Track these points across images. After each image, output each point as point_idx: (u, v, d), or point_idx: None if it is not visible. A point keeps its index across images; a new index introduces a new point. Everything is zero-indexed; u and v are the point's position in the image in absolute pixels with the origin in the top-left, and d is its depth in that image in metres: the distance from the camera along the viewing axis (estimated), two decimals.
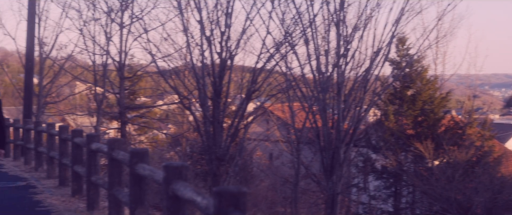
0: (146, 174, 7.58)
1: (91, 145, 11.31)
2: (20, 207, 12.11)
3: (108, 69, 32.46)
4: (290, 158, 30.53)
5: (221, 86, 13.47)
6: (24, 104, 24.58)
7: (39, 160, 18.11)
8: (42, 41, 34.32)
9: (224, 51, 13.52)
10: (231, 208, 4.71)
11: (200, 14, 13.69)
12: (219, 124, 13.54)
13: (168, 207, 6.45)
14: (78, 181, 13.14)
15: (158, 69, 14.80)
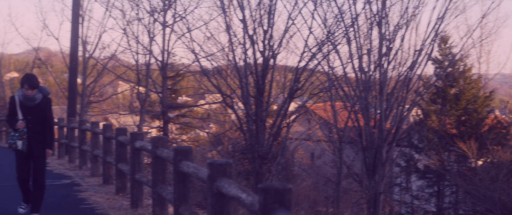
0: (190, 172, 7.62)
1: (135, 143, 11.40)
2: (65, 205, 12.25)
3: (151, 69, 32.66)
4: (332, 157, 30.46)
5: (264, 85, 13.47)
6: (68, 103, 24.84)
7: (83, 158, 18.31)
8: (85, 41, 34.70)
9: (266, 50, 13.53)
10: (276, 205, 4.73)
11: (243, 13, 13.73)
12: (262, 122, 13.55)
13: (213, 204, 6.48)
14: (122, 179, 13.26)
15: (201, 68, 14.83)
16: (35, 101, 9.95)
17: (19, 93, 10.05)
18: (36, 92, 9.95)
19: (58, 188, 14.42)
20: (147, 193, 12.37)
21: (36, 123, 9.98)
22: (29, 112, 9.94)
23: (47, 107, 10.10)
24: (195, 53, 14.84)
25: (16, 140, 9.93)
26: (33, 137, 9.96)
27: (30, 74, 10.22)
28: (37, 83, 9.96)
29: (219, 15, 14.62)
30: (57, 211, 11.55)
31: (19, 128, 9.90)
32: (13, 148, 10.01)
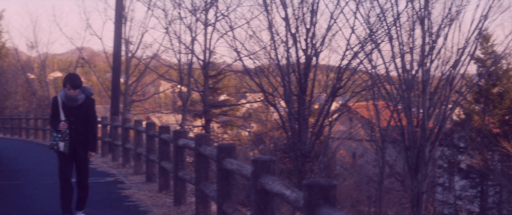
0: (233, 169, 7.64)
1: (178, 141, 11.47)
2: (108, 202, 12.37)
3: (193, 68, 32.84)
4: (374, 157, 30.32)
5: (306, 83, 13.47)
6: (112, 102, 25.09)
7: (127, 157, 18.47)
8: (128, 41, 35.00)
9: (309, 48, 13.52)
10: (321, 201, 4.73)
11: (285, 11, 13.72)
12: (304, 121, 13.54)
13: (256, 201, 6.50)
14: (165, 176, 13.35)
15: (244, 66, 14.86)
16: (78, 102, 9.73)
17: (62, 93, 9.81)
18: (78, 92, 9.71)
19: (102, 186, 14.57)
20: (190, 190, 12.44)
21: (79, 124, 9.77)
22: (72, 113, 9.73)
23: (90, 108, 9.90)
24: (238, 52, 14.86)
25: (58, 141, 9.70)
26: (75, 138, 9.73)
27: (73, 74, 9.99)
28: (80, 83, 9.72)
29: (261, 13, 14.65)
30: (101, 208, 11.67)
31: (61, 129, 9.68)
32: (55, 150, 9.78)
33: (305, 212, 4.84)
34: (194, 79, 33.07)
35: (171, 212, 11.12)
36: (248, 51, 14.68)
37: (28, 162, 20.26)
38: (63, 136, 9.69)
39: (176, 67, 33.91)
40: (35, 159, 21.03)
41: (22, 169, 18.40)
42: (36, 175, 16.57)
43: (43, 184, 14.74)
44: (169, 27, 31.50)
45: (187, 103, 33.45)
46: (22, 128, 37.83)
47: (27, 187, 14.58)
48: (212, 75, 34.15)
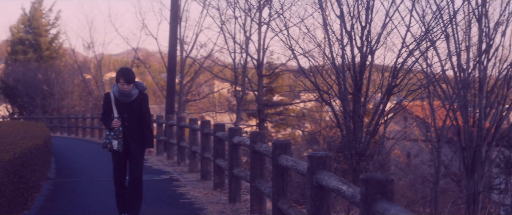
0: (289, 165, 7.65)
1: (233, 138, 11.51)
2: (164, 199, 12.48)
3: (247, 67, 32.94)
4: (429, 157, 30.02)
5: (362, 81, 13.40)
6: (167, 101, 25.31)
7: (181, 155, 18.59)
8: (183, 41, 35.25)
9: (364, 46, 13.46)
10: (378, 196, 4.70)
11: (340, 9, 13.68)
12: (359, 119, 13.48)
13: (312, 196, 6.50)
14: (220, 174, 13.40)
15: (299, 65, 14.86)
16: (131, 98, 9.37)
17: (114, 89, 9.43)
18: (132, 87, 9.32)
19: (157, 183, 14.70)
20: (245, 188, 12.49)
21: (133, 121, 9.42)
22: (125, 109, 9.38)
23: (144, 103, 9.50)
24: (292, 49, 14.85)
25: (111, 140, 9.34)
26: (129, 135, 9.39)
27: (126, 68, 9.59)
28: (133, 77, 9.34)
29: (316, 11, 14.63)
30: (156, 205, 11.78)
31: (114, 126, 9.31)
32: (108, 148, 9.42)
33: (362, 207, 4.82)
34: (248, 79, 33.16)
35: (226, 210, 11.17)
36: (303, 49, 14.64)
37: (84, 160, 20.56)
38: (117, 134, 9.34)
39: (230, 67, 34.05)
40: (91, 157, 21.33)
41: (79, 166, 18.69)
42: (93, 172, 16.81)
43: (99, 181, 14.94)
44: (223, 27, 31.66)
45: (241, 103, 33.57)
46: (79, 126, 38.38)
47: (84, 184, 14.81)
48: (266, 74, 34.21)
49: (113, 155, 9.54)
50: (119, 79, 9.30)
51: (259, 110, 32.88)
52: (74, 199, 12.56)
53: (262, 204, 10.00)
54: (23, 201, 11.28)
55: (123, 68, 9.55)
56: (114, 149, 9.36)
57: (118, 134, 9.35)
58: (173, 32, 25.26)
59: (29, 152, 11.84)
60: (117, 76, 9.35)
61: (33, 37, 61.95)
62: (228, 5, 31.01)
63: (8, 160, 9.58)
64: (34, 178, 12.75)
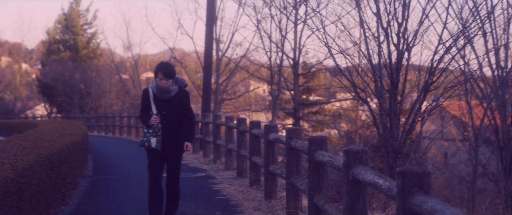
0: (325, 161, 7.64)
1: (269, 135, 11.53)
2: (200, 196, 12.53)
3: (283, 66, 32.95)
4: (467, 156, 29.78)
5: (398, 78, 13.34)
6: (203, 99, 25.40)
7: (218, 153, 18.65)
8: (218, 40, 35.33)
9: (401, 43, 13.40)
10: (415, 188, 4.68)
11: (377, 6, 13.63)
12: (396, 116, 13.41)
13: (348, 191, 6.48)
14: (256, 171, 13.43)
15: (335, 63, 14.81)
16: (171, 94, 8.91)
17: (153, 85, 8.99)
18: (171, 83, 8.88)
19: (194, 181, 14.77)
20: (281, 185, 12.50)
21: (172, 118, 8.96)
22: (164, 106, 8.93)
23: (184, 100, 9.02)
24: (329, 47, 14.81)
25: (150, 137, 8.86)
26: (168, 134, 8.93)
27: (165, 63, 9.07)
28: (173, 72, 8.89)
29: (353, 9, 14.58)
30: (193, 201, 11.83)
31: (152, 123, 8.86)
32: (146, 146, 8.93)
33: (399, 200, 4.80)
34: (284, 78, 33.17)
35: (261, 206, 11.18)
36: (339, 47, 14.61)
37: (121, 158, 20.71)
38: (155, 131, 8.86)
39: (266, 66, 34.08)
40: (128, 155, 21.48)
41: (116, 164, 18.84)
42: (129, 170, 16.93)
43: (136, 179, 15.04)
44: (259, 26, 31.69)
45: (277, 102, 33.58)
46: (116, 125, 38.66)
47: (121, 181, 14.92)
48: (302, 73, 34.19)
49: (149, 153, 9.02)
50: (157, 74, 8.86)
51: (295, 109, 32.87)
52: (111, 195, 12.67)
53: (298, 200, 9.99)
54: (61, 197, 11.41)
55: (162, 63, 9.06)
56: (152, 147, 8.86)
57: (157, 131, 8.87)
58: (209, 31, 25.35)
59: (66, 148, 11.97)
60: (156, 71, 8.91)
61: (70, 37, 62.57)
62: (264, 4, 31.05)
63: (46, 156, 9.69)
64: (72, 174, 12.89)
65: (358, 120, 38.09)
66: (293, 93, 32.91)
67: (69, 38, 62.51)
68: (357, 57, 16.49)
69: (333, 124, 39.04)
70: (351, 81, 14.53)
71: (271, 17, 30.38)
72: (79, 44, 62.36)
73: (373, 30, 13.94)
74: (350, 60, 14.70)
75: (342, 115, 40.83)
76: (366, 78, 14.97)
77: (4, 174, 7.01)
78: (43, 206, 9.46)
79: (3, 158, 8.20)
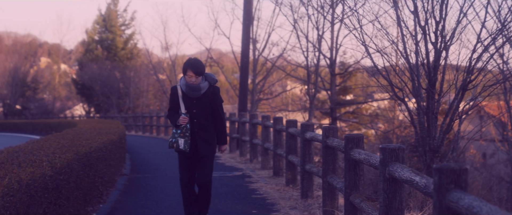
0: (361, 158, 7.61)
1: (306, 134, 11.51)
2: (236, 194, 12.55)
3: (320, 66, 32.90)
4: (506, 157, 29.47)
5: (436, 77, 13.24)
6: (239, 99, 25.44)
7: (254, 152, 18.67)
8: (255, 40, 35.39)
9: (439, 41, 13.29)
10: (452, 185, 4.64)
11: (414, 4, 13.55)
12: (433, 115, 13.31)
13: (385, 189, 6.45)
14: (292, 170, 13.42)
15: (372, 62, 14.74)
16: (201, 91, 8.49)
17: (181, 82, 8.56)
18: (201, 80, 8.46)
19: (230, 180, 14.80)
20: (317, 185, 12.49)
21: (202, 117, 8.57)
22: (194, 104, 8.55)
23: (215, 97, 8.63)
24: (366, 47, 14.75)
25: (178, 138, 8.54)
26: (198, 134, 8.55)
27: (194, 59, 8.60)
28: (203, 68, 8.44)
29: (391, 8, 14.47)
30: (229, 199, 11.86)
31: (181, 123, 8.51)
32: (174, 148, 8.62)
33: (435, 197, 4.77)
34: (320, 77, 33.11)
35: (298, 205, 11.17)
36: (377, 46, 14.53)
37: (158, 157, 20.82)
38: (183, 132, 8.52)
39: (303, 65, 34.04)
40: (165, 154, 21.57)
41: (153, 163, 18.94)
42: (166, 169, 17.01)
43: (172, 177, 15.10)
44: (296, 25, 31.68)
45: (313, 102, 33.53)
46: (153, 125, 38.88)
47: (158, 179, 15.00)
48: (339, 73, 34.10)
49: (180, 155, 8.71)
50: (186, 71, 8.44)
51: (331, 108, 32.79)
52: (148, 193, 12.74)
53: (334, 199, 9.97)
54: (98, 195, 11.52)
55: (191, 59, 8.58)
56: (180, 148, 8.54)
57: (185, 131, 8.50)
58: (246, 31, 25.39)
59: (104, 146, 12.07)
60: (184, 68, 8.48)
61: (108, 37, 63.08)
62: (300, 3, 31.04)
63: (84, 154, 9.78)
64: (109, 172, 13.00)
65: (395, 120, 37.86)
66: (330, 93, 32.82)
67: (107, 38, 63.04)
68: (394, 56, 16.44)
69: (370, 124, 38.89)
70: (389, 80, 14.45)
71: (308, 16, 30.37)
72: (117, 44, 62.85)
73: (411, 29, 13.88)
74: (388, 60, 14.62)
75: (380, 115, 40.65)
76: (403, 77, 14.89)
77: (42, 171, 7.09)
78: (81, 203, 9.55)
79: (42, 155, 8.29)
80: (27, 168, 6.95)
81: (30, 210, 6.42)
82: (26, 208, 6.28)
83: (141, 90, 59.69)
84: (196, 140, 8.56)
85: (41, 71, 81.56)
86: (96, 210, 10.75)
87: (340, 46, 31.53)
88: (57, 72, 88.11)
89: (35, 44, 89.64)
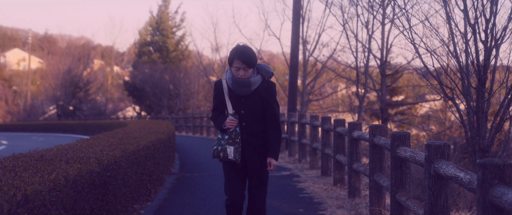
0: (407, 156, 7.55)
1: (353, 133, 11.47)
2: (284, 193, 12.55)
3: (370, 66, 32.75)
4: None
5: (486, 75, 13.07)
6: (289, 99, 25.46)
7: (303, 152, 18.66)
8: (305, 40, 35.36)
9: (489, 40, 13.13)
10: (496, 180, 4.58)
11: (464, 3, 13.40)
12: (483, 115, 13.14)
13: (430, 186, 6.39)
14: (340, 170, 13.38)
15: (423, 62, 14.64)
16: (251, 87, 6.85)
17: (227, 76, 6.96)
18: (251, 73, 6.83)
19: (278, 179, 14.81)
20: (365, 184, 12.45)
21: (252, 121, 6.92)
22: (242, 104, 6.91)
23: (269, 95, 6.93)
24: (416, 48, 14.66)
25: (225, 146, 6.88)
26: (247, 141, 6.91)
27: (243, 46, 6.82)
28: (254, 59, 6.77)
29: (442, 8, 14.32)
30: (277, 198, 11.86)
31: (229, 127, 6.87)
32: (221, 158, 6.96)
33: (478, 193, 4.70)
34: (371, 78, 32.95)
35: (345, 204, 11.13)
36: (427, 47, 14.40)
37: (207, 157, 20.91)
38: (232, 138, 6.87)
39: (352, 66, 33.91)
40: None
41: (202, 163, 19.04)
42: (215, 168, 17.07)
43: (220, 177, 15.15)
44: (346, 25, 31.58)
45: (363, 102, 33.38)
46: (203, 126, 39.11)
47: (206, 179, 15.07)
48: (389, 74, 33.88)
49: (226, 167, 7.06)
50: (233, 62, 6.80)
51: (382, 109, 32.58)
52: (196, 192, 12.81)
53: (381, 198, 9.90)
54: (146, 193, 11.61)
55: (239, 46, 6.82)
56: (229, 158, 6.87)
57: (235, 137, 6.86)
58: (296, 31, 25.40)
59: (152, 145, 12.17)
60: (231, 58, 6.83)
61: (159, 39, 63.64)
62: (350, 3, 30.90)
63: (132, 152, 9.88)
64: (158, 171, 13.10)
65: (446, 121, 37.49)
66: (380, 94, 32.63)
67: (159, 40, 63.58)
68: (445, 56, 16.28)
69: (421, 125, 38.55)
70: (439, 80, 14.31)
71: (357, 16, 30.25)
72: (169, 46, 63.36)
73: (461, 28, 13.72)
74: (438, 59, 14.49)
75: (432, 116, 40.30)
76: (454, 77, 14.75)
77: (89, 167, 7.17)
78: (128, 201, 9.64)
79: (90, 153, 8.40)
80: (74, 164, 7.04)
81: (77, 205, 6.50)
82: (73, 203, 6.36)
83: (191, 92, 60.03)
84: (244, 148, 6.89)
85: (94, 73, 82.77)
86: (144, 208, 10.84)
87: (391, 46, 31.33)
88: (109, 74, 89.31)
89: (89, 46, 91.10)
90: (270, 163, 6.92)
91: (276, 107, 6.97)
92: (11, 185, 5.29)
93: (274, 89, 6.96)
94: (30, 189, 5.23)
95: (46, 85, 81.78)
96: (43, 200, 5.42)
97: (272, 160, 6.92)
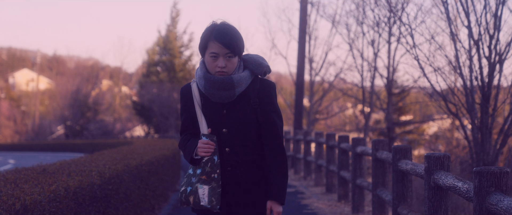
0: (408, 169, 7.54)
1: (356, 148, 11.48)
2: (288, 209, 12.54)
3: (376, 85, 32.74)
4: None
5: (490, 91, 13.07)
6: (295, 117, 25.51)
7: (308, 169, 18.68)
8: (311, 59, 35.41)
9: (492, 55, 13.14)
10: (492, 188, 4.59)
11: (468, 19, 13.43)
12: (488, 130, 13.13)
13: (429, 198, 6.38)
14: (344, 186, 13.40)
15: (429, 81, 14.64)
16: (236, 89, 4.39)
17: (198, 74, 4.47)
18: (236, 64, 4.41)
19: None
20: (369, 200, 12.44)
21: (241, 143, 4.44)
22: (225, 117, 4.44)
23: (267, 101, 4.48)
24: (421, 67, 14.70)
25: (197, 185, 4.41)
26: (233, 175, 4.45)
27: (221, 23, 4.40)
28: (240, 41, 4.39)
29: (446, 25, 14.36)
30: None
31: (202, 155, 4.41)
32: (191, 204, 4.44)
33: (475, 201, 4.72)
34: (377, 96, 32.93)
35: None
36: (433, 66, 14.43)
37: None
38: (207, 172, 4.41)
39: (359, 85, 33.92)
40: None
41: None
42: None
43: None
44: (352, 44, 31.61)
45: (369, 120, 33.34)
46: None
47: None
48: (395, 93, 33.86)
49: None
50: (206, 47, 4.38)
51: (388, 128, 32.51)
52: None
53: (383, 213, 9.91)
54: (150, 208, 11.61)
55: (216, 24, 4.40)
56: (201, 204, 4.40)
57: (210, 171, 4.40)
58: (301, 50, 25.51)
59: (156, 160, 12.18)
60: (203, 41, 4.39)
61: (167, 58, 63.82)
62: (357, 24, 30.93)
63: (135, 166, 9.89)
64: (162, 187, 13.10)
65: (453, 140, 37.40)
66: (386, 113, 32.59)
67: (166, 60, 63.77)
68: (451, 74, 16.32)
69: (427, 144, 38.49)
70: (443, 96, 14.31)
71: (363, 33, 30.26)
72: (176, 66, 63.52)
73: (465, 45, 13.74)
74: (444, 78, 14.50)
75: (440, 136, 40.24)
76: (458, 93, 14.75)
77: (90, 179, 7.19)
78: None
79: (92, 167, 8.42)
80: (76, 177, 7.07)
81: None
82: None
83: None
84: (226, 188, 4.45)
85: (102, 93, 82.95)
86: None
87: (397, 65, 31.30)
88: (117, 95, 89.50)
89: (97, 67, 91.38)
90: (272, 210, 4.42)
91: (278, 120, 4.50)
92: (10, 195, 5.31)
93: (273, 92, 4.50)
94: (29, 199, 5.26)
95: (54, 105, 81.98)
96: (43, 210, 5.44)
97: (275, 204, 4.41)
